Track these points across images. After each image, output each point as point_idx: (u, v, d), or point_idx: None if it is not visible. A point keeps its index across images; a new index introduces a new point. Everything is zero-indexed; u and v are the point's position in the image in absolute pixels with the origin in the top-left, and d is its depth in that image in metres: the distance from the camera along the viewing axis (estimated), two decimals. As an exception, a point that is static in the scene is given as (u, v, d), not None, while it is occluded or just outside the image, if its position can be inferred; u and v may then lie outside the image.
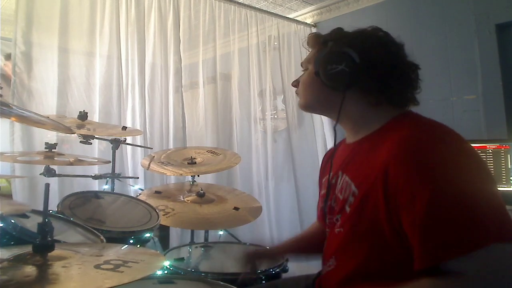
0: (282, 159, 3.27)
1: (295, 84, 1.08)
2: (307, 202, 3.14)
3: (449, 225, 0.73)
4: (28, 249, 0.77)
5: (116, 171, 1.99)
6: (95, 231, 1.29)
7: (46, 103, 2.11)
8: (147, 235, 1.47)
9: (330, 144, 3.42)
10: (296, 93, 1.09)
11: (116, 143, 1.98)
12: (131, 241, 1.43)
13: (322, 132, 3.44)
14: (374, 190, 0.83)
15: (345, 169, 0.97)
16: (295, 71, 3.31)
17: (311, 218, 1.28)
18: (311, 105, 1.07)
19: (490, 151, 2.17)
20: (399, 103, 0.94)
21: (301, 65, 1.08)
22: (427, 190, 0.74)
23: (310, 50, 1.07)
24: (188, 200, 1.87)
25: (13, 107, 1.10)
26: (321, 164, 1.20)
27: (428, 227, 0.74)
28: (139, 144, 2.42)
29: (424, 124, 0.88)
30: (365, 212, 0.85)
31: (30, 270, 0.71)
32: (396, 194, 0.78)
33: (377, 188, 0.82)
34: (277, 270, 1.34)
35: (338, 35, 0.99)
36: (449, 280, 0.73)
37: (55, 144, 1.62)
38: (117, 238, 1.38)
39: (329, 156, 1.13)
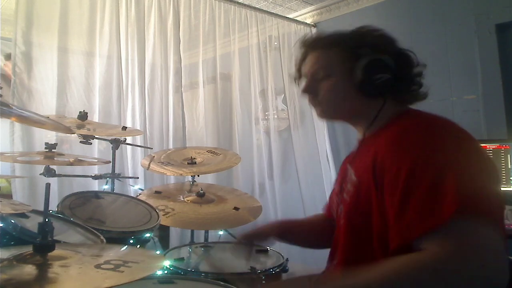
0: (284, 159, 3.27)
1: (311, 91, 1.01)
2: (311, 200, 3.14)
3: (416, 203, 0.74)
4: (28, 249, 0.77)
5: (116, 171, 1.98)
6: (95, 231, 1.29)
7: (46, 103, 2.11)
8: (147, 235, 1.47)
9: (330, 143, 3.43)
10: (316, 102, 1.01)
11: (116, 143, 1.97)
12: (131, 241, 1.42)
13: (323, 131, 3.44)
14: (366, 174, 0.87)
15: (351, 162, 1.01)
16: (296, 71, 3.29)
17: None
18: (343, 114, 1.03)
19: (490, 151, 2.17)
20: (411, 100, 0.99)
21: (316, 72, 0.99)
22: (403, 170, 0.77)
23: (305, 51, 1.04)
24: (188, 200, 1.87)
25: (13, 107, 1.10)
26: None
27: (400, 207, 0.76)
28: (139, 144, 2.42)
29: (418, 116, 0.92)
30: (360, 198, 0.88)
31: (30, 269, 0.71)
32: (382, 175, 0.82)
33: (368, 171, 0.86)
34: (277, 270, 1.33)
35: (363, 40, 0.96)
36: (421, 255, 0.72)
37: (55, 144, 1.61)
38: (117, 238, 1.38)
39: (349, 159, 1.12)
